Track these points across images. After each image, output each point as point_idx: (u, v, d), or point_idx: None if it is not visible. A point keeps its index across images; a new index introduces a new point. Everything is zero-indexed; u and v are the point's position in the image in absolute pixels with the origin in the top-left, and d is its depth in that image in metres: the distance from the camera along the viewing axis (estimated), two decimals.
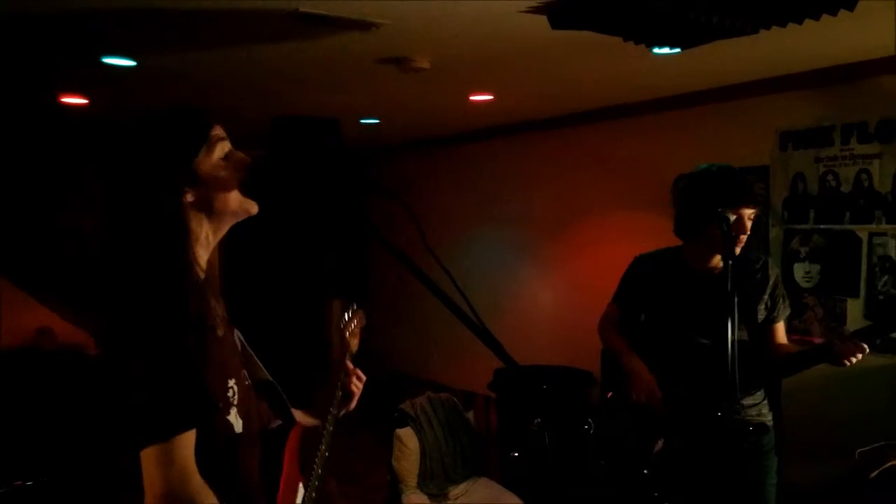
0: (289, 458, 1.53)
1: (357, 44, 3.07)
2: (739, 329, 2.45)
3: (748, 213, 2.39)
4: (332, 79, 3.81)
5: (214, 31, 2.97)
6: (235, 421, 1.38)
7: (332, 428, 1.74)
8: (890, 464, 2.77)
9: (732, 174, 2.46)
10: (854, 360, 2.26)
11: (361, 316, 2.05)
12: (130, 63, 3.48)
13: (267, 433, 1.52)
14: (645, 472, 2.51)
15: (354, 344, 1.96)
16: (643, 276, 2.69)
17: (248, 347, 1.58)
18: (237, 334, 1.57)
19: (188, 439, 1.25)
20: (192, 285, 1.36)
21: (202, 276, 1.43)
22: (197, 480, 1.25)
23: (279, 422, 1.62)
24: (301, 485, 1.56)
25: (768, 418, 2.57)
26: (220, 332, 1.40)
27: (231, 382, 1.39)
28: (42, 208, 5.65)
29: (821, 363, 2.37)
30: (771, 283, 2.55)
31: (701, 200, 2.43)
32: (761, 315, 2.54)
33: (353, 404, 1.86)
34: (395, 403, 3.99)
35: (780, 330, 2.61)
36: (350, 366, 1.87)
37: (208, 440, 1.30)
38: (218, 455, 1.34)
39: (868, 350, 2.26)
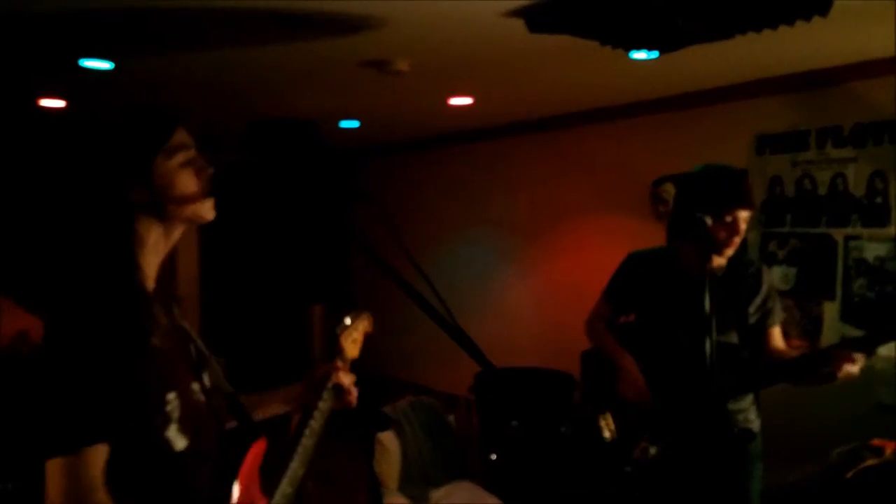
0: (245, 475, 1.41)
1: (337, 47, 3.07)
2: (727, 333, 2.44)
3: (743, 215, 2.35)
4: (312, 82, 3.80)
5: (193, 33, 2.95)
6: (175, 437, 1.31)
7: (310, 442, 1.53)
8: (866, 464, 2.79)
9: (728, 175, 2.42)
10: (853, 370, 2.21)
11: (367, 321, 1.82)
12: (108, 66, 3.45)
13: (224, 450, 1.42)
14: (627, 469, 2.49)
15: (352, 351, 1.75)
16: (636, 274, 2.65)
17: (209, 357, 1.50)
18: (197, 345, 1.49)
19: (97, 454, 1.20)
20: (131, 291, 1.31)
21: (149, 282, 1.38)
22: (100, 498, 1.19)
23: (235, 430, 1.51)
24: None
25: (755, 424, 2.54)
26: (157, 342, 1.32)
27: (171, 396, 1.32)
28: (20, 211, 5.59)
29: (809, 383, 2.32)
30: (764, 289, 2.51)
31: (694, 201, 2.38)
32: (752, 319, 2.50)
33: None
34: (376, 407, 3.97)
35: (777, 334, 2.57)
36: (344, 380, 1.65)
37: (141, 457, 1.25)
38: (154, 473, 1.28)
39: (862, 364, 2.20)
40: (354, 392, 1.68)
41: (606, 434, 2.57)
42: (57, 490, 1.17)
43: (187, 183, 1.37)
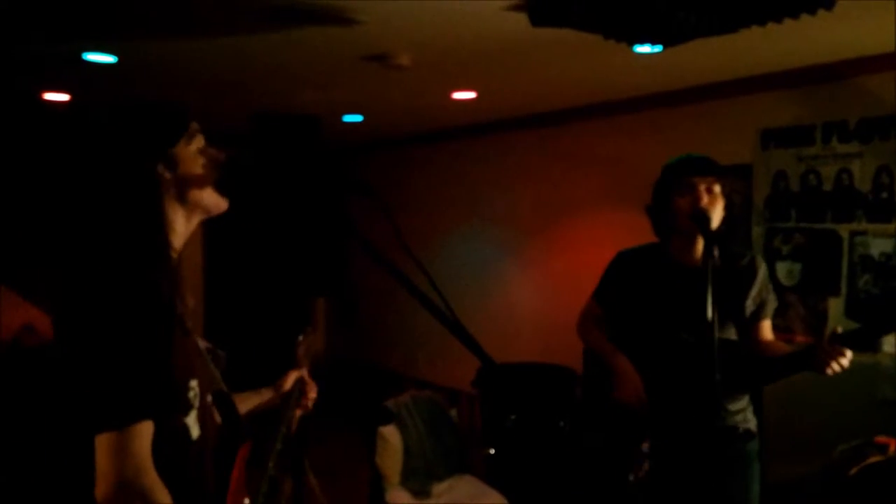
0: (237, 472, 1.47)
1: (339, 40, 3.06)
2: (726, 328, 2.42)
3: (703, 183, 2.33)
4: (315, 75, 3.80)
5: (196, 27, 2.95)
6: (193, 425, 1.35)
7: (280, 447, 1.67)
8: (870, 461, 2.78)
9: (686, 156, 2.45)
10: (837, 367, 2.17)
11: (313, 338, 2.06)
12: (112, 59, 3.45)
13: (219, 444, 1.48)
14: (631, 478, 2.45)
15: (304, 362, 1.96)
16: (625, 271, 2.63)
17: (206, 355, 1.55)
18: (201, 340, 1.55)
19: (145, 431, 1.21)
20: (166, 269, 1.35)
21: (176, 261, 1.42)
22: (153, 475, 1.21)
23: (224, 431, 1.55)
24: (247, 501, 1.51)
25: (753, 424, 2.51)
26: (189, 325, 1.38)
27: (193, 384, 1.37)
28: (27, 204, 5.61)
29: (803, 370, 2.28)
30: (759, 278, 2.47)
31: (659, 192, 2.44)
32: (748, 311, 2.47)
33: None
34: (378, 401, 3.98)
35: (767, 326, 2.53)
36: (308, 381, 1.86)
37: (160, 441, 1.26)
38: (169, 458, 1.29)
39: (851, 356, 2.17)
40: (312, 394, 1.86)
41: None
42: (108, 471, 1.17)
43: (205, 169, 1.43)
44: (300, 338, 2.01)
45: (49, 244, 5.17)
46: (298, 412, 1.82)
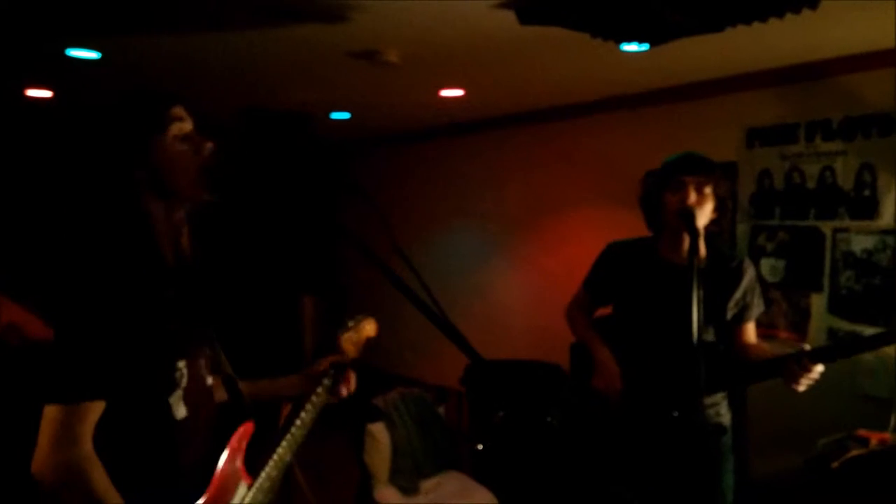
0: (230, 453, 1.49)
1: (326, 36, 3.05)
2: (705, 328, 2.40)
3: (693, 182, 2.35)
4: (302, 72, 3.79)
5: (180, 22, 2.93)
6: (177, 405, 1.38)
7: (300, 432, 1.66)
8: (851, 454, 2.81)
9: (679, 154, 2.46)
10: (807, 382, 2.21)
11: (369, 326, 1.96)
12: (95, 55, 3.43)
13: (216, 427, 1.50)
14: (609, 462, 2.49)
15: (350, 352, 1.90)
16: (614, 263, 2.65)
17: (214, 338, 1.57)
18: (206, 325, 1.56)
19: (92, 410, 1.26)
20: (145, 264, 1.35)
21: (167, 257, 1.43)
22: (87, 449, 1.25)
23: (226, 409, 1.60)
24: (244, 483, 1.51)
25: (726, 419, 2.53)
26: (174, 313, 1.39)
27: (181, 364, 1.39)
28: (12, 202, 5.56)
29: (774, 378, 2.33)
30: (744, 283, 2.49)
31: (650, 190, 2.47)
32: (730, 313, 2.49)
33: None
34: (367, 398, 3.97)
35: (750, 329, 2.55)
36: (348, 373, 1.82)
37: (141, 417, 1.32)
38: (151, 435, 1.34)
39: (817, 376, 2.21)
40: (352, 382, 1.83)
41: None
42: (47, 440, 1.23)
43: (185, 158, 1.41)
44: (349, 323, 1.94)
45: (29, 239, 5.14)
46: (330, 399, 1.79)
